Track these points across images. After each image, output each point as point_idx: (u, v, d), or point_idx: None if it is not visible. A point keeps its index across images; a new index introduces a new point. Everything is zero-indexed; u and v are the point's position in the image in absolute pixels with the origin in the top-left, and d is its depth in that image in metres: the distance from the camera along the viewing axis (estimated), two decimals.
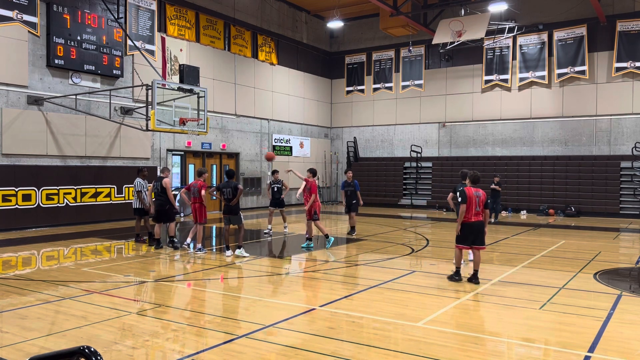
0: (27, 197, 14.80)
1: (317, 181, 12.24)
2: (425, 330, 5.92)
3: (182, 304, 7.36)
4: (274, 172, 14.65)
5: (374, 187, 25.83)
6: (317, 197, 11.99)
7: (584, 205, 20.69)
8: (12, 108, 14.63)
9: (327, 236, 12.08)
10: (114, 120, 16.65)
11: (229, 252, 10.82)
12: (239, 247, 10.75)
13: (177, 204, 11.79)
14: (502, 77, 23.27)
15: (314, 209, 11.90)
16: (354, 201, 14.02)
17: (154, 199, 11.94)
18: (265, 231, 14.54)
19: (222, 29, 21.27)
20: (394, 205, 24.71)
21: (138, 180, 12.45)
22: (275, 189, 14.33)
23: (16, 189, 14.57)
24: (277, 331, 5.85)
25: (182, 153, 20.11)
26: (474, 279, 8.35)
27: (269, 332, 5.82)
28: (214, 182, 21.53)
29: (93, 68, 16.32)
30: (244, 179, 22.39)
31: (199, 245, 11.21)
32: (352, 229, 14.31)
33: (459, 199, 8.35)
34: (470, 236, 8.40)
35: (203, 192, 11.27)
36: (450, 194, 10.61)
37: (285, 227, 14.83)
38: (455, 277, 8.50)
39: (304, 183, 12.22)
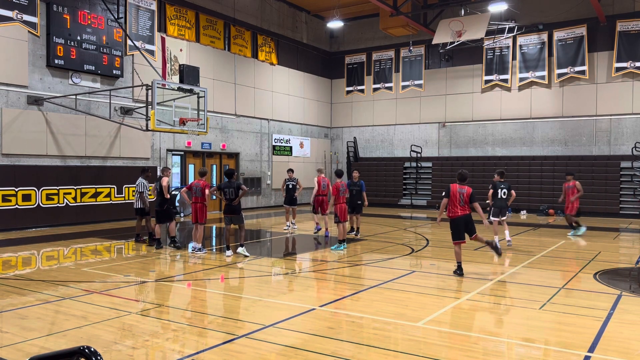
0: (27, 197, 14.80)
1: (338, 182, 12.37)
2: (425, 330, 5.92)
3: (182, 304, 7.36)
4: (290, 170, 15.37)
5: (374, 187, 25.80)
6: (341, 199, 11.99)
7: (584, 205, 20.63)
8: (12, 108, 14.63)
9: (341, 241, 11.89)
10: (114, 120, 16.65)
11: (229, 252, 10.81)
12: (241, 246, 10.75)
13: (177, 203, 11.80)
14: (502, 77, 23.27)
15: (336, 212, 11.88)
16: (359, 202, 13.86)
17: (152, 199, 12.02)
18: (285, 228, 15.29)
19: (222, 29, 21.27)
20: (394, 205, 24.71)
21: (141, 180, 12.46)
22: (290, 187, 14.98)
23: (16, 189, 14.57)
24: (277, 331, 5.85)
25: (182, 153, 20.11)
26: (495, 248, 9.24)
27: (269, 332, 5.82)
28: (214, 182, 21.53)
29: (93, 68, 16.32)
30: (244, 179, 22.38)
31: (199, 245, 11.20)
32: (357, 230, 14.13)
33: (443, 193, 9.16)
34: (461, 230, 8.98)
35: (207, 191, 11.28)
36: (491, 190, 12.33)
37: (294, 225, 15.24)
38: (458, 271, 8.95)
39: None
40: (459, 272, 8.94)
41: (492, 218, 11.98)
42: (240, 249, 10.70)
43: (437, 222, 9.39)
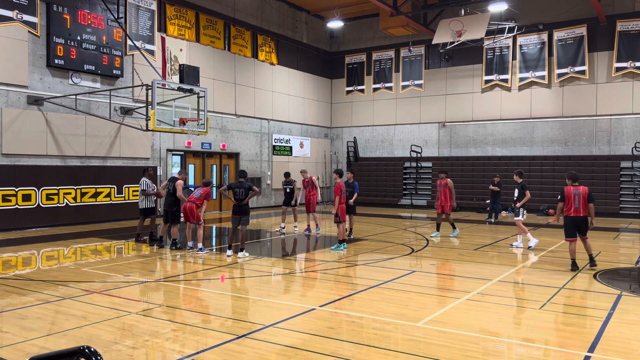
0: (27, 197, 14.80)
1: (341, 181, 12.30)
2: (425, 330, 5.92)
3: (182, 304, 7.36)
4: (287, 174, 15.17)
5: (374, 187, 25.83)
6: (342, 199, 11.94)
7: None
8: (12, 108, 14.63)
9: (341, 242, 11.86)
10: (114, 120, 16.65)
11: (229, 252, 10.81)
12: (241, 250, 10.70)
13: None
14: (502, 77, 23.27)
15: (336, 211, 11.86)
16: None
17: (154, 198, 12.15)
18: (277, 229, 15.08)
19: (222, 29, 21.26)
20: (394, 205, 24.70)
21: (143, 179, 12.50)
22: (288, 190, 14.83)
23: (16, 189, 14.57)
24: (277, 331, 5.85)
25: (182, 153, 20.11)
26: (591, 261, 9.50)
27: (269, 332, 5.82)
28: (214, 184, 21.52)
29: (93, 68, 16.32)
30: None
31: (200, 245, 11.22)
32: (350, 230, 14.05)
33: (559, 197, 9.59)
34: (573, 229, 9.40)
35: (204, 204, 11.51)
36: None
37: (295, 227, 15.10)
38: (572, 267, 9.37)
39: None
40: (573, 268, 9.30)
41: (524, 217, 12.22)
42: (240, 253, 10.63)
43: (556, 220, 9.65)
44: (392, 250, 11.87)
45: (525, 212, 12.23)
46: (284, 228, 14.89)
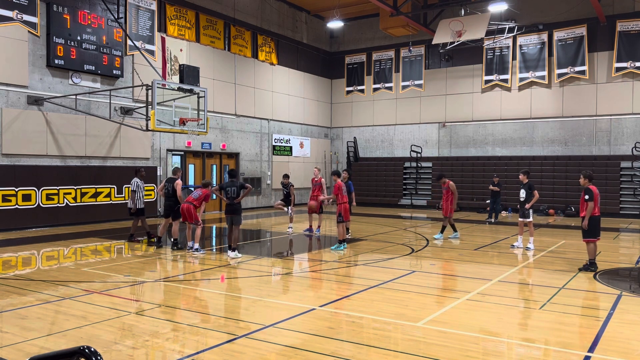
0: (27, 197, 14.80)
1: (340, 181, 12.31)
2: (425, 330, 5.92)
3: (182, 304, 7.36)
4: (285, 175, 15.26)
5: (374, 187, 25.83)
6: (342, 199, 11.92)
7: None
8: (12, 108, 14.63)
9: (341, 242, 11.84)
10: (114, 120, 16.65)
11: (230, 252, 10.80)
12: (233, 250, 10.60)
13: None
14: (502, 77, 23.27)
15: (339, 211, 11.86)
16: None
17: (152, 199, 12.13)
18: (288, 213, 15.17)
19: (222, 29, 21.27)
20: (394, 205, 24.70)
21: (135, 180, 12.50)
22: (285, 193, 14.95)
23: (16, 189, 14.57)
24: (277, 331, 5.85)
25: (182, 153, 20.11)
26: (591, 264, 9.30)
27: (269, 332, 5.82)
28: (214, 185, 21.51)
29: (93, 68, 16.32)
30: (244, 178, 22.38)
31: (197, 245, 11.22)
32: (347, 229, 14.10)
33: (587, 197, 9.33)
34: (599, 228, 9.34)
35: (203, 205, 11.49)
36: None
37: (290, 227, 15.07)
38: (592, 268, 9.23)
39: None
40: (592, 268, 9.19)
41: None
42: (232, 254, 10.53)
43: (585, 224, 9.24)
44: (392, 250, 11.87)
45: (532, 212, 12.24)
46: (289, 210, 14.92)
